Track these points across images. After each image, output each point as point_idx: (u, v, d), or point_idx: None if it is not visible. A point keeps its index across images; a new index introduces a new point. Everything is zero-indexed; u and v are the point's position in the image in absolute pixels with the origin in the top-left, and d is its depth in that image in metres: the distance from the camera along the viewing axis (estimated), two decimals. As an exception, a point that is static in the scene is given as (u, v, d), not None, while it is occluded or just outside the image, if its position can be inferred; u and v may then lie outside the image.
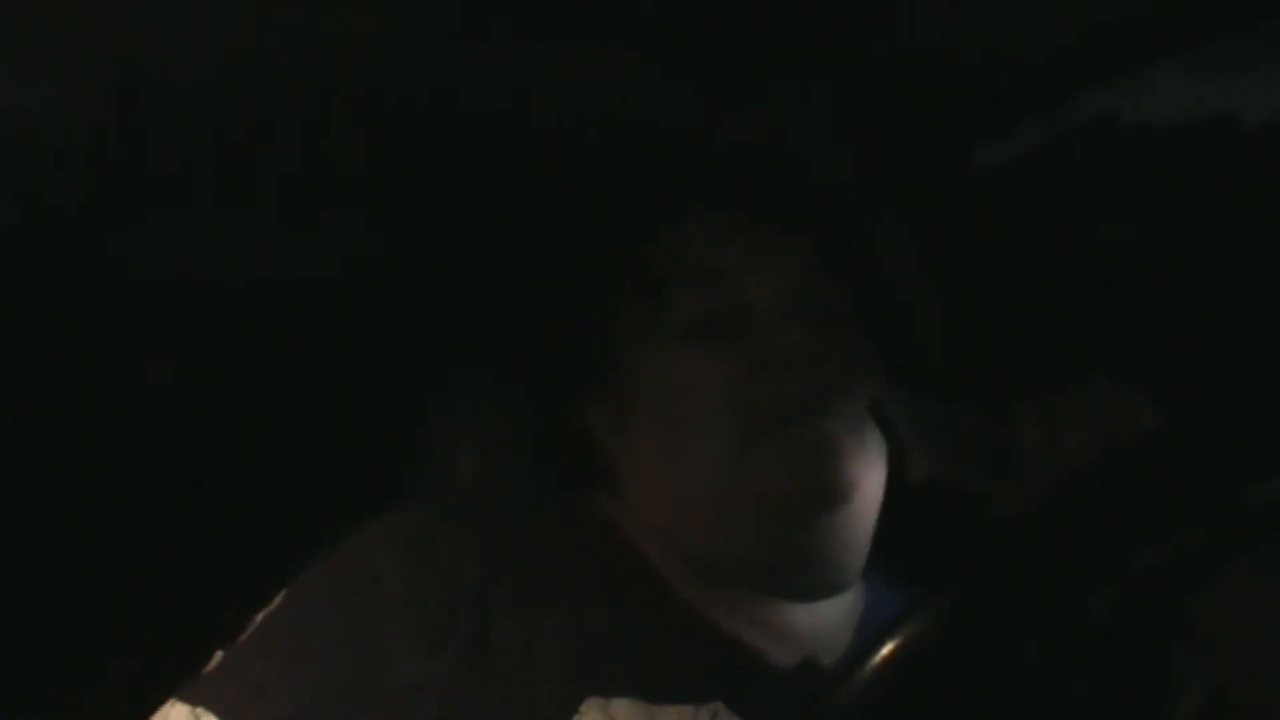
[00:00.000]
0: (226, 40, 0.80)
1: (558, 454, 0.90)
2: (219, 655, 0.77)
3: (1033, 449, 0.75)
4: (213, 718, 0.72)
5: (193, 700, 0.73)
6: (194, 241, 1.03)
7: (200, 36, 0.79)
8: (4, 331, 1.11)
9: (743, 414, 0.79)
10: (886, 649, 0.47)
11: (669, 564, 0.82)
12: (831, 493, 0.79)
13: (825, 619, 0.83)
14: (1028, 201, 0.95)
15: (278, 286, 1.10)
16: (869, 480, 0.81)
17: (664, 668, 0.73)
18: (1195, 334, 0.91)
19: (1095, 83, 0.86)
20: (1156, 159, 0.88)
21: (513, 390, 1.11)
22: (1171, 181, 0.89)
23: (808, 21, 0.81)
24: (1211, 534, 0.47)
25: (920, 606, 0.48)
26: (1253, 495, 0.47)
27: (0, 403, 1.23)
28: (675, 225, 0.86)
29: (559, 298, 0.91)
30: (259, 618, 0.77)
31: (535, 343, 0.95)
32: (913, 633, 0.47)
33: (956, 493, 0.83)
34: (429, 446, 1.17)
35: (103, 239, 1.01)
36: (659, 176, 0.92)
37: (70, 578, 1.34)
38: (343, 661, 0.73)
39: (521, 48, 0.82)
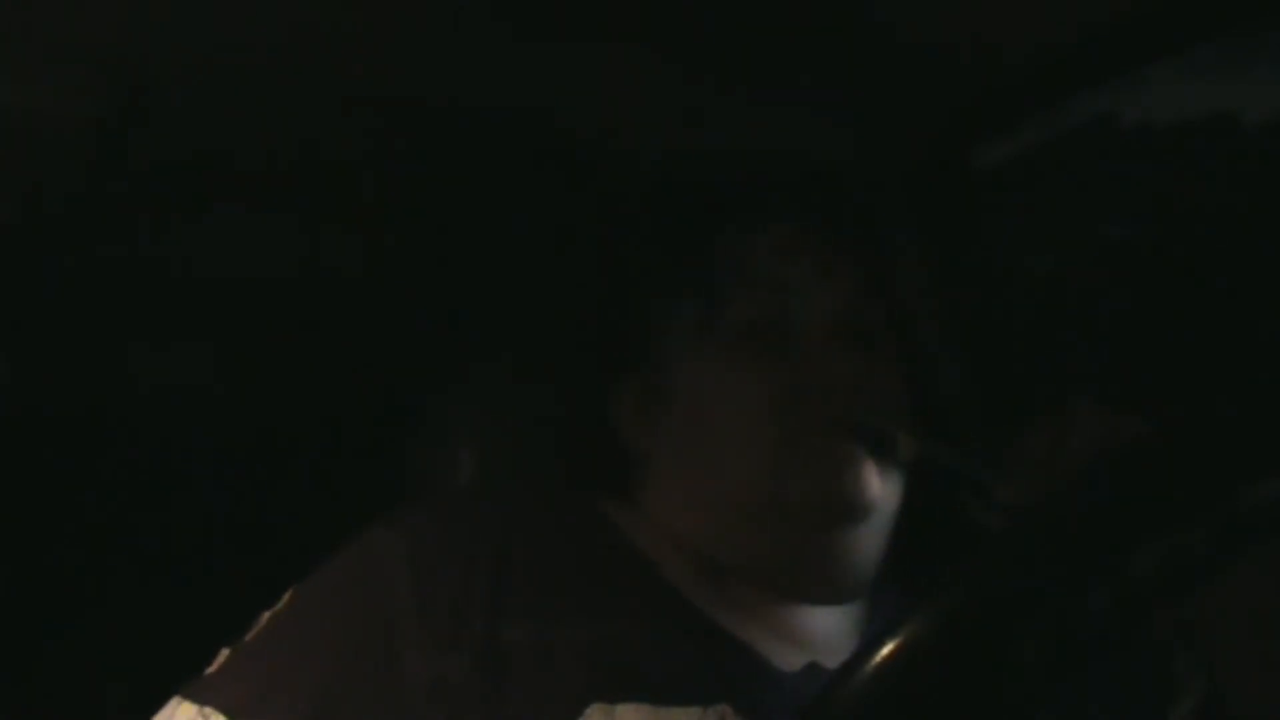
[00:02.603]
0: (231, 40, 0.80)
1: (577, 445, 0.90)
2: (225, 654, 0.77)
3: (1035, 458, 0.76)
4: (221, 717, 0.72)
5: (200, 699, 0.73)
6: (196, 241, 1.03)
7: (204, 36, 0.79)
8: (4, 331, 1.11)
9: (780, 425, 0.81)
10: (886, 649, 0.47)
11: (676, 567, 0.82)
12: (853, 508, 0.81)
13: (834, 623, 0.84)
14: (1027, 202, 0.95)
15: (281, 285, 1.10)
16: (888, 498, 0.83)
17: (671, 671, 0.73)
18: (1195, 334, 0.91)
19: (1095, 83, 0.86)
20: (1156, 159, 0.88)
21: (520, 386, 1.11)
22: (1171, 181, 0.89)
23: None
24: (1210, 534, 0.47)
25: (920, 607, 0.48)
26: (1251, 495, 0.47)
27: (0, 402, 1.23)
28: (742, 232, 0.87)
29: (604, 284, 0.92)
30: (265, 617, 0.77)
31: (565, 328, 0.95)
32: (913, 633, 0.47)
33: (959, 496, 0.83)
34: (428, 445, 1.17)
35: (104, 239, 1.01)
36: (727, 183, 0.93)
37: (69, 577, 1.34)
38: (354, 662, 0.72)
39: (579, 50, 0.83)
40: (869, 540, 0.83)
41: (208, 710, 0.72)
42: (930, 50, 0.84)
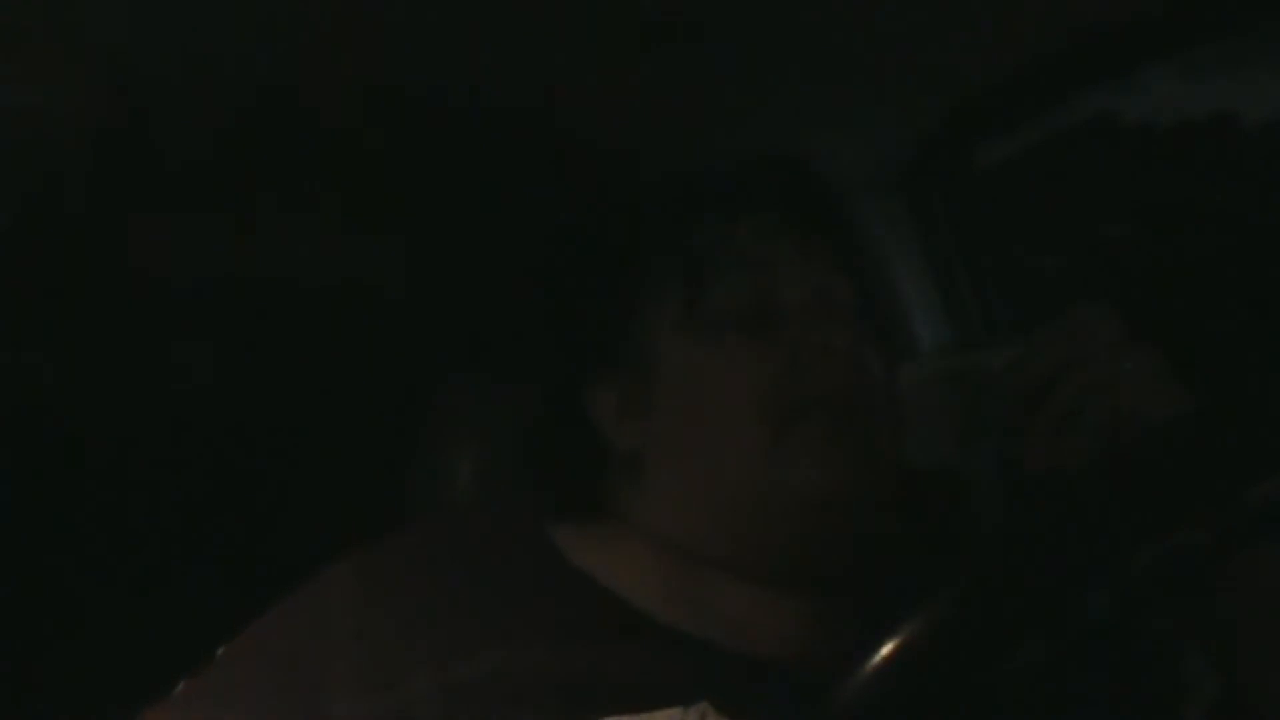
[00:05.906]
0: (228, 39, 0.80)
1: (555, 445, 0.90)
2: (181, 685, 0.78)
3: (1036, 450, 0.75)
4: None
5: None
6: (194, 243, 1.03)
7: (202, 34, 0.79)
8: (3, 332, 1.11)
9: (777, 406, 0.81)
10: (886, 649, 0.47)
11: (638, 581, 0.81)
12: (859, 484, 0.80)
13: (813, 615, 0.83)
14: (1028, 201, 0.95)
15: (279, 289, 1.10)
16: (888, 475, 0.82)
17: (645, 687, 0.73)
18: (1195, 333, 0.91)
19: (1095, 83, 0.86)
20: (1156, 159, 0.88)
21: (513, 389, 1.11)
22: (1171, 181, 0.89)
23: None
24: (1212, 533, 0.47)
25: (920, 606, 0.48)
26: (1251, 495, 0.47)
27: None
28: (719, 223, 0.87)
29: (582, 277, 0.92)
30: (219, 652, 0.78)
31: (545, 324, 0.94)
32: (913, 633, 0.47)
33: (958, 491, 0.83)
34: (428, 454, 1.17)
35: (103, 240, 1.01)
36: (703, 176, 0.94)
37: (69, 578, 1.34)
38: (282, 702, 0.73)
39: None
40: (867, 521, 0.82)
41: None
42: (932, 49, 0.84)
